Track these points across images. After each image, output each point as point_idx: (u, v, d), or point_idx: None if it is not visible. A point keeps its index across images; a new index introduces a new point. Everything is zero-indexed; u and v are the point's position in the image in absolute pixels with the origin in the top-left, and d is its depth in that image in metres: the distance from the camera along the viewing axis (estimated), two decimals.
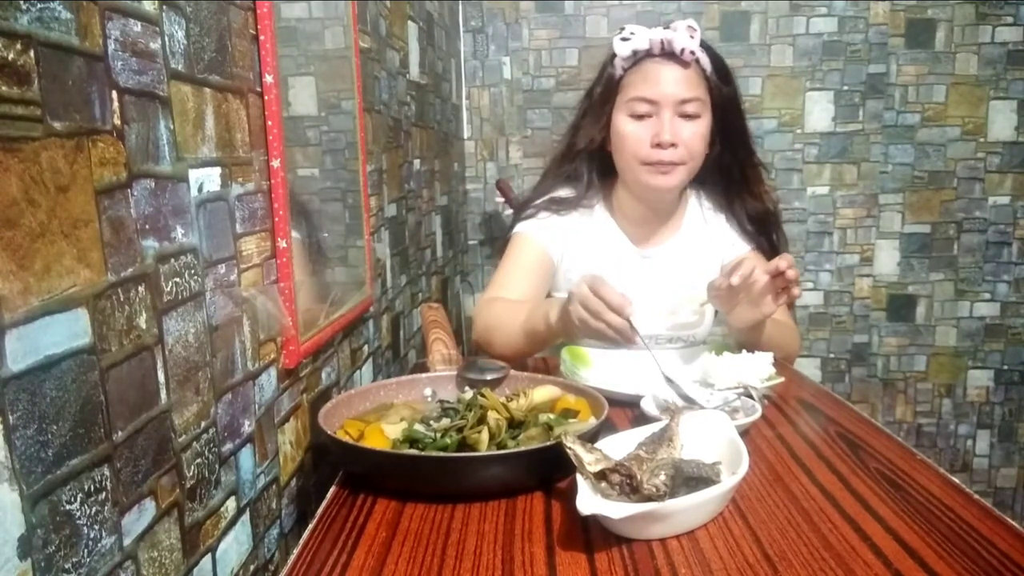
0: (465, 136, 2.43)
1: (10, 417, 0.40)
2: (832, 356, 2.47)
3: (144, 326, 0.54)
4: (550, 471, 0.75)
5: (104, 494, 0.49)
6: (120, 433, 0.51)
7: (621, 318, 1.00)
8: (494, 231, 2.46)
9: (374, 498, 0.74)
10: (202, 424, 0.63)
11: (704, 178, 1.37)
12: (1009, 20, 2.28)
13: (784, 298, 1.12)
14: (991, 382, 2.46)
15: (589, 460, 0.66)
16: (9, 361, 0.40)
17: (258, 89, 0.75)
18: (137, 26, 0.53)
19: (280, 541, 0.81)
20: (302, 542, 0.67)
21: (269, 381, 0.78)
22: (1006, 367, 2.45)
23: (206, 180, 0.64)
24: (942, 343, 2.45)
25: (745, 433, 0.86)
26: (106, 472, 0.49)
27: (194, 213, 0.62)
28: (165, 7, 0.57)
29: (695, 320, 1.34)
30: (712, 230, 1.38)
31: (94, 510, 0.48)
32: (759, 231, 1.37)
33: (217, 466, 0.66)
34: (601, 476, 0.66)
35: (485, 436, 0.78)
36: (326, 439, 0.78)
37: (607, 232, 1.37)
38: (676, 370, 1.18)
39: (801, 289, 1.14)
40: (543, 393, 0.89)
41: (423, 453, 0.77)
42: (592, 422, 0.81)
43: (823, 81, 2.34)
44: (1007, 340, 2.43)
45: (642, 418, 0.89)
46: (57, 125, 0.44)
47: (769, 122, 2.36)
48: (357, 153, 1.09)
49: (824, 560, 0.60)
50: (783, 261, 1.09)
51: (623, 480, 0.65)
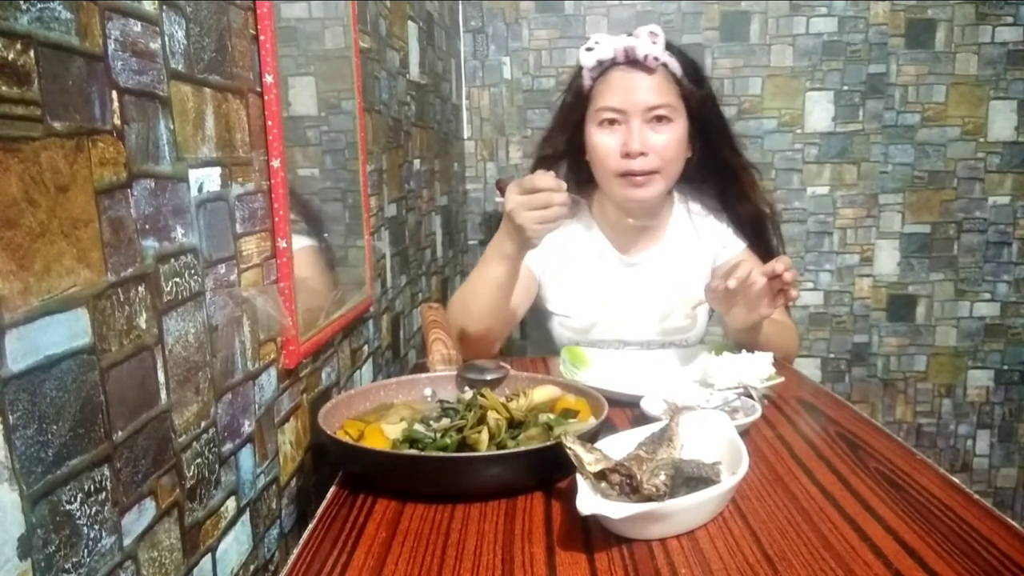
0: (465, 136, 2.43)
1: (10, 417, 0.40)
2: (832, 356, 2.47)
3: (144, 326, 0.54)
4: (550, 471, 0.75)
5: (104, 494, 0.49)
6: (120, 433, 0.51)
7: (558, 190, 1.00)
8: (494, 231, 2.45)
9: (374, 498, 0.74)
10: (202, 424, 0.63)
11: (693, 181, 1.37)
12: (1009, 20, 2.27)
13: (781, 300, 1.12)
14: (991, 382, 2.46)
15: (589, 460, 0.66)
16: (9, 361, 0.40)
17: (258, 89, 0.75)
18: (137, 26, 0.53)
19: (280, 541, 0.81)
20: (302, 542, 0.67)
21: (269, 381, 0.78)
22: (1006, 367, 2.45)
23: (206, 180, 0.64)
24: (942, 343, 2.45)
25: (745, 433, 0.86)
26: (106, 472, 0.49)
27: (194, 213, 0.62)
28: (165, 7, 0.57)
29: (687, 324, 1.34)
30: (701, 234, 1.38)
31: (94, 510, 0.48)
32: (754, 233, 1.37)
33: (217, 466, 0.66)
34: (601, 476, 0.66)
35: (485, 436, 0.78)
36: (326, 439, 0.78)
37: (591, 240, 1.36)
38: (673, 371, 1.18)
39: (799, 290, 1.13)
40: (543, 393, 0.89)
41: (423, 453, 0.77)
42: (592, 422, 0.81)
43: (823, 81, 2.33)
44: (1007, 340, 2.43)
45: (642, 418, 0.89)
46: (57, 125, 0.44)
47: (769, 122, 2.36)
48: (357, 153, 1.09)
49: (824, 560, 0.60)
50: (780, 264, 1.09)
51: (623, 480, 0.65)
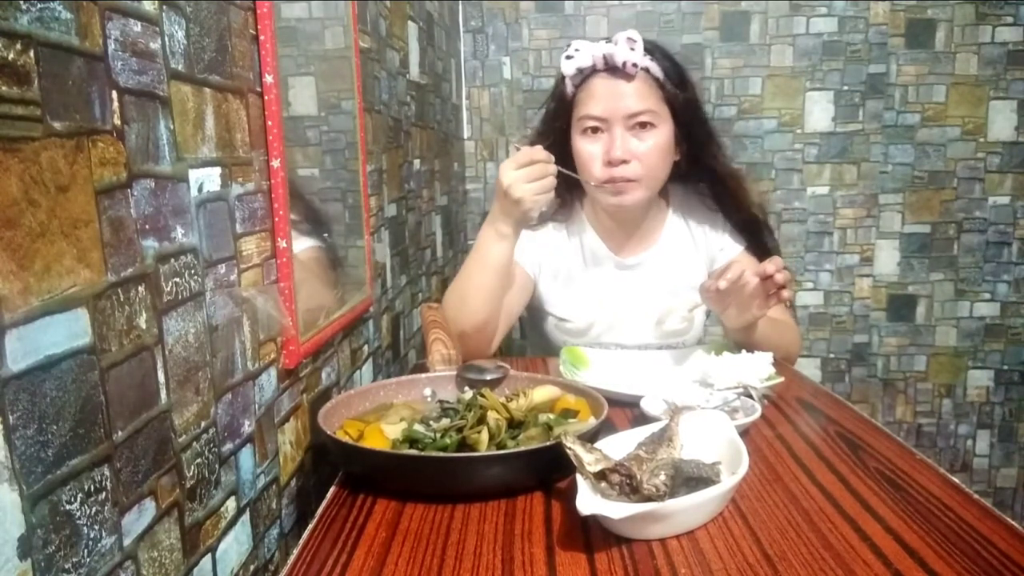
0: (465, 136, 2.43)
1: (10, 417, 0.40)
2: (832, 356, 2.47)
3: (144, 326, 0.54)
4: (550, 471, 0.75)
5: (104, 494, 0.49)
6: (120, 433, 0.51)
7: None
8: None
9: (374, 498, 0.74)
10: (202, 424, 0.63)
11: (688, 181, 1.37)
12: (1009, 20, 2.27)
13: (775, 301, 1.12)
14: (991, 382, 2.46)
15: (589, 460, 0.66)
16: (9, 361, 0.40)
17: (258, 89, 0.75)
18: (137, 26, 0.53)
19: (280, 541, 0.81)
20: (302, 542, 0.67)
21: (269, 381, 0.78)
22: (1006, 367, 2.45)
23: (206, 180, 0.64)
24: (942, 343, 2.45)
25: (745, 433, 0.86)
26: (106, 472, 0.49)
27: (194, 213, 0.62)
28: (165, 7, 0.57)
29: (684, 327, 1.34)
30: (697, 236, 1.37)
31: (94, 510, 0.48)
32: (749, 234, 1.37)
33: (217, 466, 0.66)
34: (601, 476, 0.66)
35: (485, 436, 0.78)
36: (326, 439, 0.78)
37: (586, 243, 1.36)
38: (672, 371, 1.18)
39: (793, 291, 1.13)
40: (543, 393, 0.89)
41: (423, 453, 0.77)
42: (592, 422, 0.81)
43: (823, 81, 2.33)
44: (1007, 340, 2.43)
45: (642, 418, 0.89)
46: (57, 125, 0.44)
47: (769, 122, 2.36)
48: (357, 153, 1.08)
49: (824, 560, 0.60)
50: (771, 265, 1.09)
51: (623, 480, 0.65)
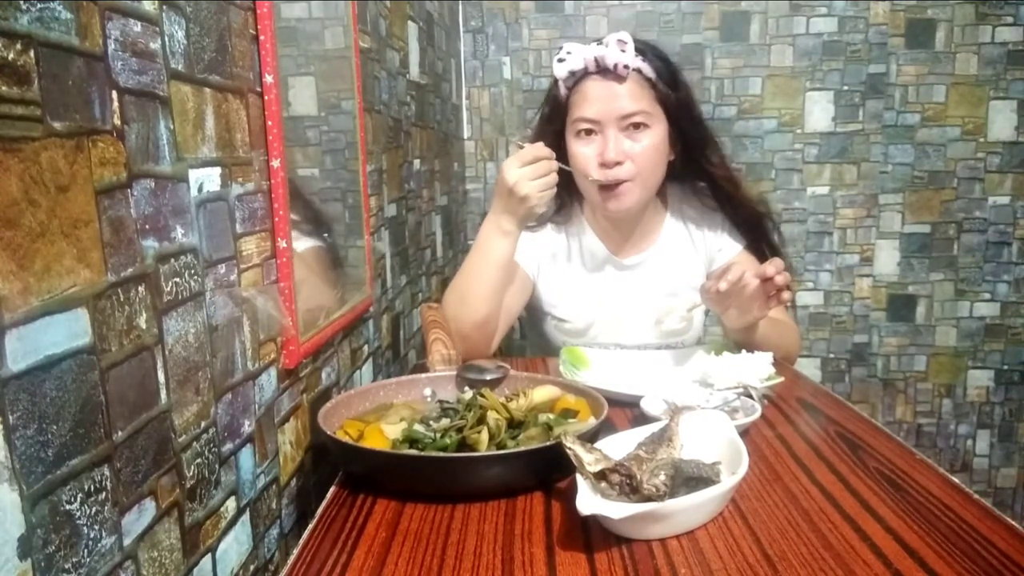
0: (465, 136, 2.43)
1: (10, 417, 0.40)
2: (832, 356, 2.47)
3: (144, 326, 0.54)
4: (550, 471, 0.75)
5: (104, 494, 0.49)
6: (120, 433, 0.51)
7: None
8: None
9: (374, 498, 0.74)
10: (202, 424, 0.63)
11: (687, 181, 1.37)
12: (1009, 20, 2.27)
13: (775, 302, 1.12)
14: (991, 382, 2.46)
15: (589, 460, 0.66)
16: (9, 361, 0.40)
17: (258, 89, 0.75)
18: (137, 26, 0.53)
19: (280, 541, 0.81)
20: (302, 542, 0.67)
21: (269, 381, 0.78)
22: (1006, 367, 2.45)
23: (206, 180, 0.64)
24: (942, 343, 2.45)
25: (745, 433, 0.86)
26: (106, 472, 0.49)
27: (194, 213, 0.62)
28: (165, 7, 0.57)
29: (683, 327, 1.34)
30: (696, 236, 1.37)
31: (94, 510, 0.48)
32: (749, 234, 1.37)
33: (217, 466, 0.66)
34: (601, 476, 0.66)
35: (485, 436, 0.78)
36: (326, 439, 0.78)
37: (585, 243, 1.36)
38: (672, 371, 1.18)
39: (792, 293, 1.13)
40: (543, 393, 0.89)
41: (423, 453, 0.77)
42: (592, 422, 0.81)
43: (823, 81, 2.33)
44: (1007, 340, 2.43)
45: (642, 418, 0.89)
46: (57, 125, 0.44)
47: (769, 122, 2.36)
48: (357, 153, 1.08)
49: (824, 560, 0.60)
50: (771, 267, 1.09)
51: (623, 480, 0.65)
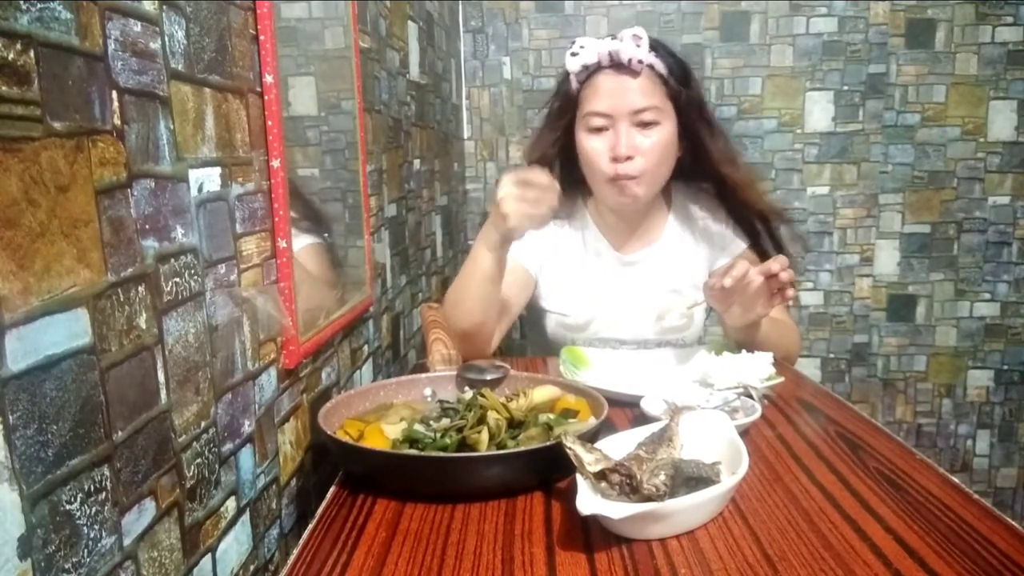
0: (465, 136, 2.43)
1: (10, 417, 0.40)
2: (832, 356, 2.47)
3: (144, 326, 0.54)
4: (550, 471, 0.75)
5: (104, 494, 0.49)
6: (120, 433, 0.51)
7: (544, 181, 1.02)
8: None
9: (374, 498, 0.74)
10: (202, 424, 0.63)
11: (691, 180, 1.37)
12: (1009, 20, 2.27)
13: (778, 300, 1.12)
14: (991, 382, 2.46)
15: (589, 460, 0.66)
16: (9, 361, 0.40)
17: (258, 89, 0.75)
18: (137, 26, 0.53)
19: (280, 541, 0.81)
20: (302, 542, 0.67)
21: (269, 381, 0.78)
22: (1006, 367, 2.45)
23: (206, 180, 0.64)
24: (942, 343, 2.45)
25: (745, 433, 0.86)
26: (106, 472, 0.49)
27: (194, 213, 0.62)
28: (165, 7, 0.57)
29: (683, 324, 1.34)
30: (699, 234, 1.37)
31: (94, 510, 0.48)
32: (753, 233, 1.37)
33: (217, 466, 0.66)
34: (601, 476, 0.66)
35: (485, 436, 0.78)
36: (326, 439, 0.78)
37: (588, 238, 1.36)
38: (672, 371, 1.18)
39: (797, 291, 1.13)
40: (543, 393, 0.89)
41: (423, 453, 0.77)
42: (592, 422, 0.81)
43: (823, 81, 2.33)
44: (1007, 340, 2.43)
45: (642, 418, 0.89)
46: (57, 125, 0.44)
47: (769, 122, 2.36)
48: (357, 153, 1.08)
49: (824, 560, 0.60)
50: (776, 263, 1.09)
51: (623, 480, 0.65)
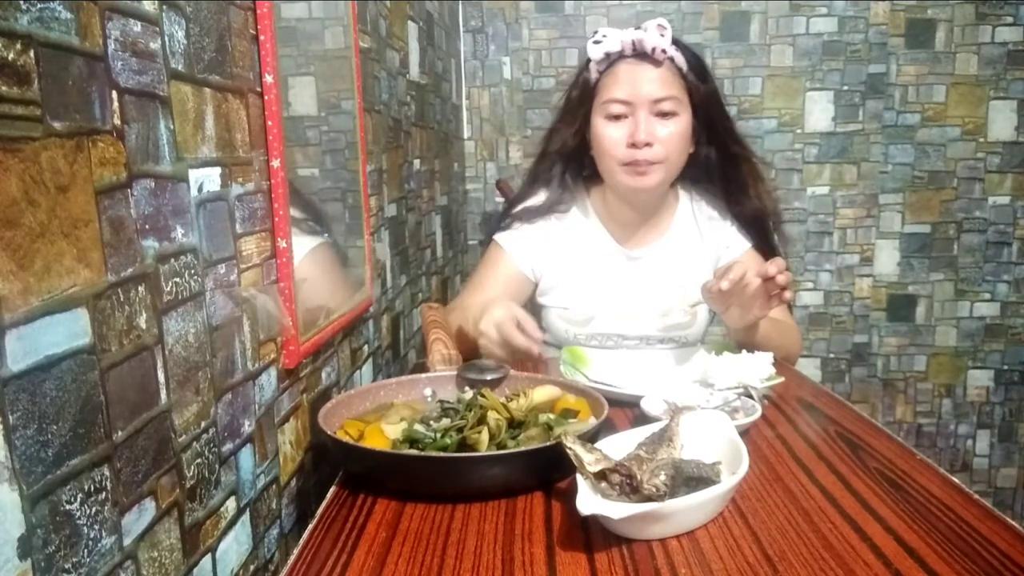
0: (465, 136, 2.43)
1: (10, 417, 0.40)
2: (832, 356, 2.47)
3: (144, 326, 0.54)
4: (550, 471, 0.75)
5: (104, 494, 0.49)
6: (120, 433, 0.51)
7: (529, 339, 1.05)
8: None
9: (374, 498, 0.74)
10: (202, 424, 0.63)
11: (699, 178, 1.37)
12: (1009, 20, 2.28)
13: (776, 301, 1.12)
14: (991, 382, 2.46)
15: (589, 460, 0.66)
16: (9, 361, 0.40)
17: (258, 89, 0.75)
18: (137, 26, 0.53)
19: (280, 541, 0.81)
20: (302, 542, 0.67)
21: (269, 381, 0.78)
22: (1006, 367, 2.45)
23: (206, 180, 0.64)
24: (942, 343, 2.45)
25: (745, 433, 0.86)
26: (106, 472, 0.49)
27: (194, 213, 0.62)
28: (165, 7, 0.57)
29: (686, 321, 1.34)
30: (705, 232, 1.38)
31: (94, 510, 0.48)
32: (758, 233, 1.37)
33: (217, 466, 0.66)
34: (601, 476, 0.66)
35: (485, 436, 0.78)
36: (326, 439, 0.78)
37: (591, 233, 1.37)
38: (673, 371, 1.18)
39: (793, 292, 1.14)
40: (543, 393, 0.89)
41: (423, 453, 0.77)
42: (592, 422, 0.81)
43: (823, 81, 2.34)
44: (1007, 340, 2.43)
45: (642, 418, 0.89)
46: (57, 125, 0.44)
47: (769, 122, 2.36)
48: (357, 153, 1.08)
49: (824, 560, 0.60)
50: (773, 266, 1.09)
51: (623, 480, 0.65)
